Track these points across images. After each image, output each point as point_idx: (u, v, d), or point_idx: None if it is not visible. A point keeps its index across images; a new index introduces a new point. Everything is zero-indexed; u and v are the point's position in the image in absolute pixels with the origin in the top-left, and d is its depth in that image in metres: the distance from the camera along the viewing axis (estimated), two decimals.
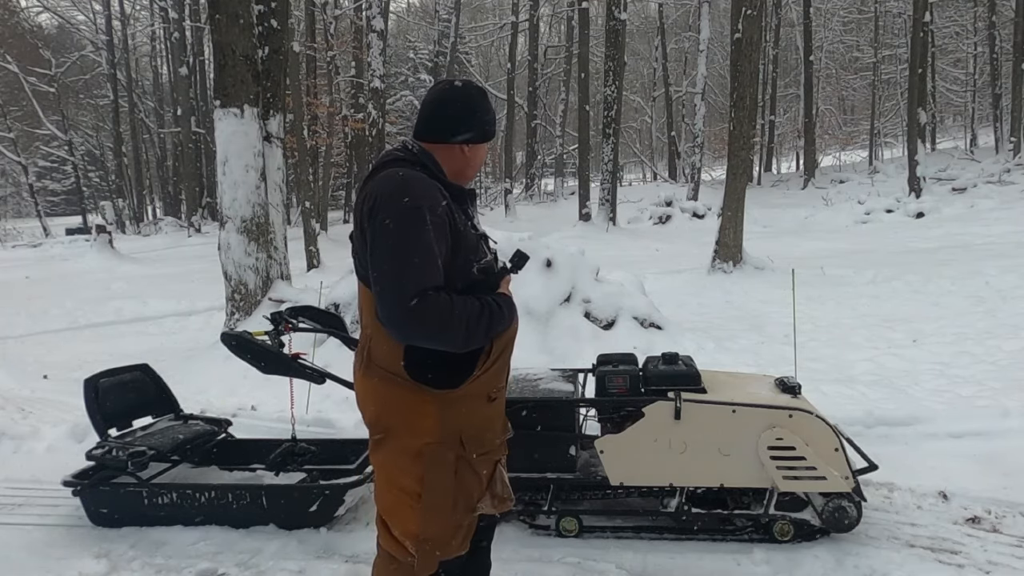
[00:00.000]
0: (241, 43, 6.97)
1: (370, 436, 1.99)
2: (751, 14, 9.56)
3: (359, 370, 1.99)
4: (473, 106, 1.96)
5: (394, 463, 1.94)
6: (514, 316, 1.98)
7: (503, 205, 25.72)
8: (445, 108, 1.95)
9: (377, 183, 1.86)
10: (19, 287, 13.82)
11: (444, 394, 1.89)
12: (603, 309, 6.31)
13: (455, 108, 1.95)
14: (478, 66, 40.73)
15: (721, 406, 2.99)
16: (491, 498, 2.03)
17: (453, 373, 1.90)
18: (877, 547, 2.98)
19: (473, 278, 1.90)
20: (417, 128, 1.99)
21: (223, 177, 7.08)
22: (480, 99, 1.99)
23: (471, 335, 1.82)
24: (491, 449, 2.04)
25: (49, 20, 36.81)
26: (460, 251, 1.87)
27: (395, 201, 1.79)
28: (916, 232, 13.70)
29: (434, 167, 1.93)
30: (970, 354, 5.84)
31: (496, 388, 2.01)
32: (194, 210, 28.19)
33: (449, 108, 1.95)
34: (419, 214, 1.78)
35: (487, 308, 1.86)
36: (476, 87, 2.01)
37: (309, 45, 24.84)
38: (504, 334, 1.98)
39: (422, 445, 1.89)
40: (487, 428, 2.02)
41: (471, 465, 1.96)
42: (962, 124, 35.57)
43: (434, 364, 1.88)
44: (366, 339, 1.96)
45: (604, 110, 19.39)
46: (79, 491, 3.40)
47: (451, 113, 1.94)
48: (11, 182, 41.74)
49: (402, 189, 1.82)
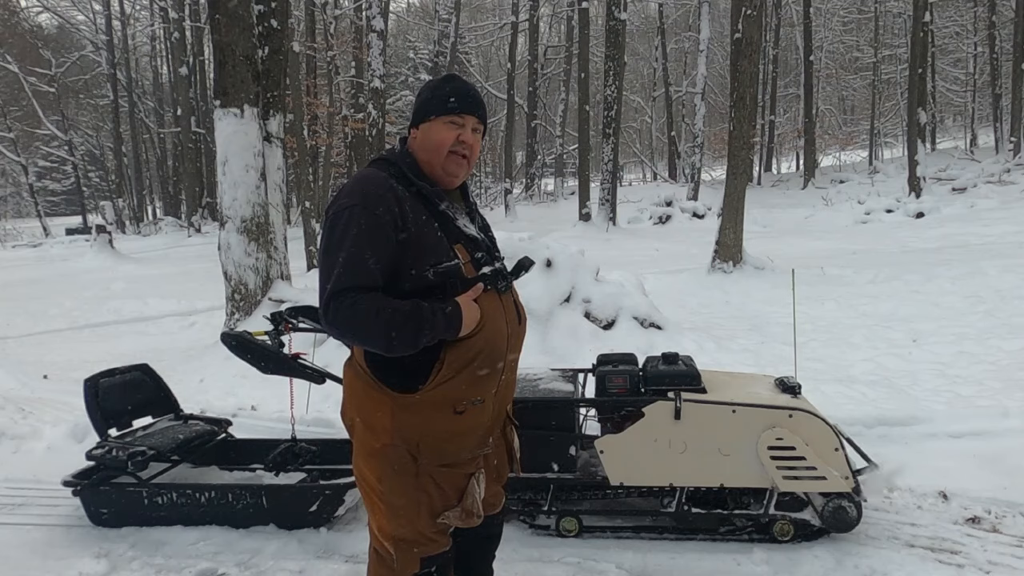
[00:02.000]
0: (241, 43, 6.97)
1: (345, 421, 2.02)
2: (751, 14, 9.56)
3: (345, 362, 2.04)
4: (427, 89, 1.98)
5: (360, 456, 1.96)
6: (457, 327, 1.82)
7: (503, 205, 25.71)
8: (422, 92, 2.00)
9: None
10: (19, 287, 13.82)
11: (401, 397, 1.86)
12: (603, 309, 6.31)
13: (418, 97, 2.00)
14: (478, 66, 40.72)
15: (721, 406, 2.99)
16: (461, 511, 1.96)
17: (407, 377, 1.86)
18: (877, 547, 2.97)
19: (428, 281, 1.83)
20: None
21: (223, 177, 7.08)
22: (437, 81, 1.99)
23: (395, 339, 1.75)
24: (456, 463, 1.95)
25: (49, 20, 36.87)
26: (411, 252, 1.81)
27: (335, 201, 1.83)
28: (916, 232, 13.69)
29: (405, 164, 1.93)
30: (970, 354, 5.84)
31: (465, 401, 1.90)
32: (194, 210, 28.19)
33: (416, 98, 2.01)
34: (352, 213, 1.79)
35: (417, 313, 1.77)
36: (446, 76, 2.02)
37: (309, 45, 24.83)
38: (460, 345, 1.85)
39: (380, 445, 1.89)
40: (449, 441, 1.92)
41: (431, 476, 1.92)
42: (962, 124, 35.59)
43: (387, 365, 1.86)
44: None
45: (604, 110, 19.39)
46: (79, 491, 3.40)
47: (416, 101, 2.00)
48: (11, 182, 41.74)
49: (345, 189, 1.86)
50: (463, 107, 1.94)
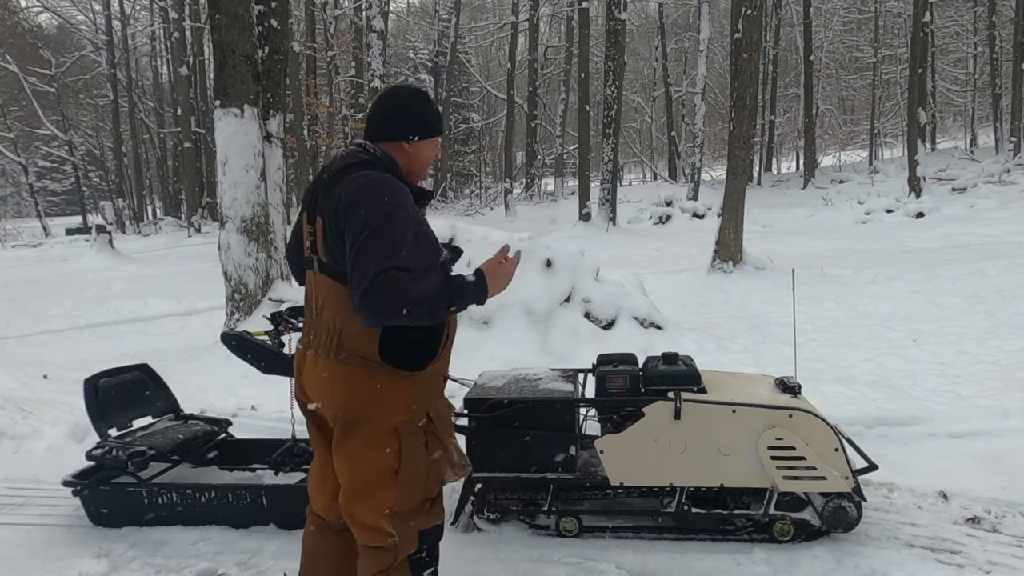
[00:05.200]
0: (241, 43, 6.97)
1: (339, 422, 2.06)
2: (751, 14, 9.56)
3: (322, 358, 2.07)
4: (415, 105, 2.16)
5: (371, 444, 2.04)
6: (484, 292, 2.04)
7: (503, 205, 25.69)
8: (392, 110, 2.14)
9: (352, 185, 1.99)
10: (19, 287, 13.82)
11: (412, 375, 2.06)
12: (603, 309, 6.31)
13: (400, 109, 2.14)
14: (478, 66, 40.72)
15: (721, 406, 2.99)
16: (451, 467, 2.21)
17: (419, 356, 2.08)
18: (877, 547, 2.98)
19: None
20: (371, 131, 2.16)
21: (223, 177, 7.08)
22: (421, 98, 2.19)
23: (449, 307, 1.97)
24: (449, 423, 2.24)
25: (49, 20, 36.87)
26: (427, 246, 2.03)
27: (375, 202, 1.94)
28: (916, 232, 13.69)
29: (394, 168, 2.10)
30: (970, 354, 5.84)
31: (447, 368, 2.27)
32: (194, 210, 28.16)
33: (395, 109, 2.14)
34: (396, 213, 1.95)
35: (462, 285, 2.00)
36: (417, 89, 2.25)
37: (309, 45, 24.85)
38: (451, 321, 2.18)
39: (397, 423, 2.04)
40: (445, 404, 2.23)
41: (438, 437, 2.15)
42: (962, 124, 35.59)
43: (400, 350, 2.04)
44: (333, 330, 2.04)
45: (604, 110, 19.40)
46: (79, 491, 3.39)
47: (397, 114, 2.13)
48: (11, 182, 41.79)
49: (380, 191, 1.97)
50: (442, 127, 2.26)
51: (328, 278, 2.04)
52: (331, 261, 2.02)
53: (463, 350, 5.67)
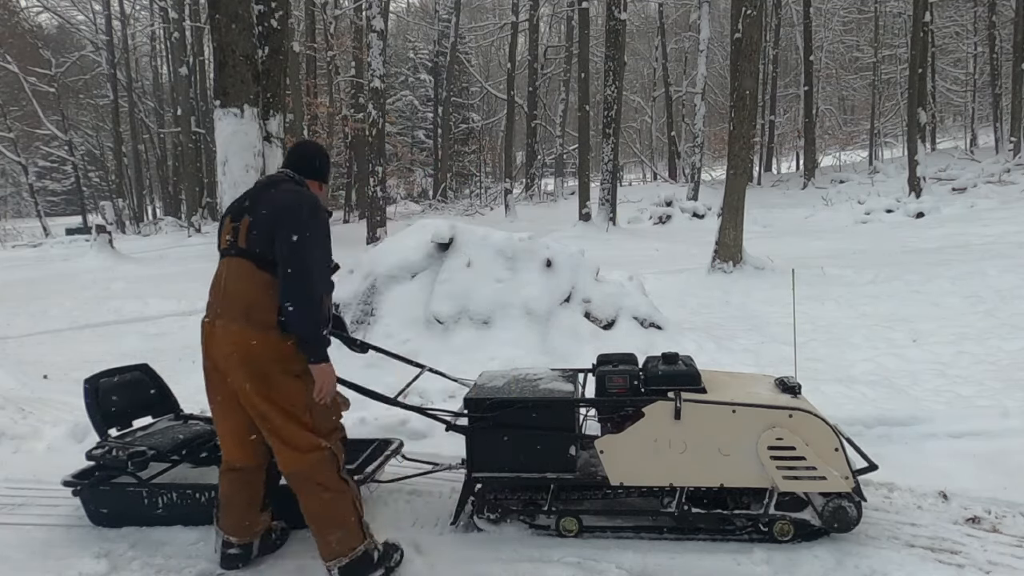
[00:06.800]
0: (241, 43, 6.96)
1: (252, 374, 2.65)
2: (751, 14, 9.56)
3: (235, 325, 2.67)
4: (325, 157, 3.05)
5: (287, 388, 2.69)
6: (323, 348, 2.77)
7: (503, 205, 25.68)
8: (320, 160, 3.01)
9: (287, 195, 2.73)
10: (19, 287, 13.82)
11: (291, 336, 2.69)
12: (603, 309, 6.31)
13: (324, 161, 3.03)
14: (478, 66, 40.73)
15: (721, 406, 2.99)
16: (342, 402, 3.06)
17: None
18: (877, 547, 2.98)
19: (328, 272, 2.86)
20: (302, 167, 2.94)
21: (223, 177, 7.07)
22: (325, 155, 3.07)
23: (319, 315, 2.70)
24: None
25: (49, 20, 36.88)
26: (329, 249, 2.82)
27: (315, 212, 2.69)
28: (916, 232, 13.69)
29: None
30: (970, 354, 5.84)
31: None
32: (194, 210, 28.14)
33: (322, 160, 3.02)
34: (326, 223, 2.75)
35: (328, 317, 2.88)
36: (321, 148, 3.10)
37: (309, 45, 24.85)
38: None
39: (300, 370, 2.70)
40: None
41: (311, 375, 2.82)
42: (962, 124, 35.57)
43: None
44: (245, 303, 2.67)
45: (604, 110, 19.38)
46: (79, 491, 3.40)
47: (322, 164, 3.01)
48: (11, 182, 41.79)
49: (317, 203, 2.75)
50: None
51: (248, 262, 2.69)
52: (251, 248, 2.68)
53: (463, 350, 5.70)
